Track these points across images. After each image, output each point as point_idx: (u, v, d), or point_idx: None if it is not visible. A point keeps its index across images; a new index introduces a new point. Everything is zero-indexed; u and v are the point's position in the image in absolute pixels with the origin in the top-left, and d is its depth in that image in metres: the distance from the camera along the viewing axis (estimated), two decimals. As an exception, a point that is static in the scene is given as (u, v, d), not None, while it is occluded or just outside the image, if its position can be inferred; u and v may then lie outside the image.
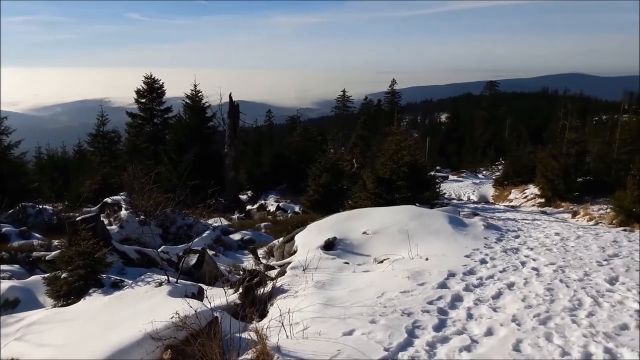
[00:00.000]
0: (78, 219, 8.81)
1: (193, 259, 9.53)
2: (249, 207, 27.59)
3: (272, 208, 26.31)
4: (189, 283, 7.02)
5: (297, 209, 24.40)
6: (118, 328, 5.05)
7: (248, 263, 11.66)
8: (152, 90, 31.18)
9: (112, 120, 31.99)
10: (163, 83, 31.61)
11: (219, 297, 6.18)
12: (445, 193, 26.22)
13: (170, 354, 4.51)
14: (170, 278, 6.70)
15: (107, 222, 13.12)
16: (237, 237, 15.24)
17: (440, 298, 5.81)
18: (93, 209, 15.08)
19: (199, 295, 6.46)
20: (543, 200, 20.81)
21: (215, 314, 5.07)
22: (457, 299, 5.83)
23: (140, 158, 25.55)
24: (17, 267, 9.74)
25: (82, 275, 7.01)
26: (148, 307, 5.63)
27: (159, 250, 10.94)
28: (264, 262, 10.65)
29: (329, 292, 6.29)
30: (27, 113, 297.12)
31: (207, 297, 6.02)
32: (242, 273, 8.21)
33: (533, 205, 21.01)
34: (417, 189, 15.13)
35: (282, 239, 11.27)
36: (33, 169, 27.21)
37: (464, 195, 31.64)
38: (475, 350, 4.46)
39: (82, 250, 7.10)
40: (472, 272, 7.03)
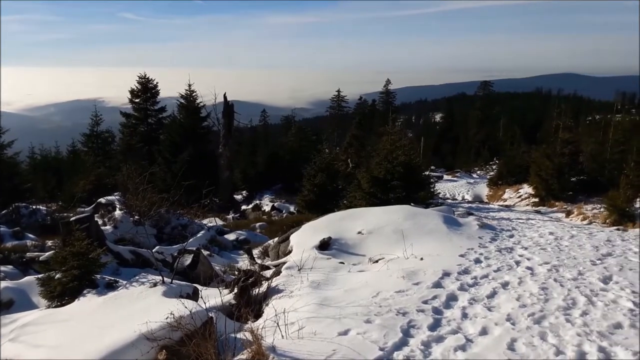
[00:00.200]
0: (72, 220, 8.78)
1: (188, 259, 9.51)
2: (244, 207, 27.54)
3: (267, 208, 26.28)
4: (184, 283, 7.01)
5: (292, 209, 24.39)
6: (112, 329, 5.03)
7: (243, 263, 11.64)
8: (146, 90, 31.05)
9: (106, 120, 31.82)
10: (157, 83, 31.49)
11: (214, 297, 6.18)
12: (440, 193, 26.21)
13: (165, 355, 4.50)
14: (165, 278, 6.69)
15: (101, 222, 13.07)
16: (232, 237, 15.21)
17: (435, 297, 5.82)
18: (87, 209, 15.02)
19: (194, 296, 6.45)
20: (537, 200, 20.90)
21: (210, 314, 5.06)
22: (452, 299, 5.84)
23: (135, 158, 25.44)
24: (10, 267, 9.68)
25: (76, 276, 6.98)
26: (143, 307, 5.61)
27: (154, 251, 10.90)
28: (259, 262, 10.64)
29: (324, 292, 6.30)
30: (20, 113, 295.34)
31: (202, 297, 6.02)
32: (237, 273, 8.20)
33: (527, 205, 21.10)
34: (411, 189, 15.16)
35: (277, 239, 11.26)
36: (26, 169, 27.03)
37: (459, 195, 31.72)
38: (470, 350, 4.47)
39: (76, 251, 7.08)
40: (466, 271, 7.05)
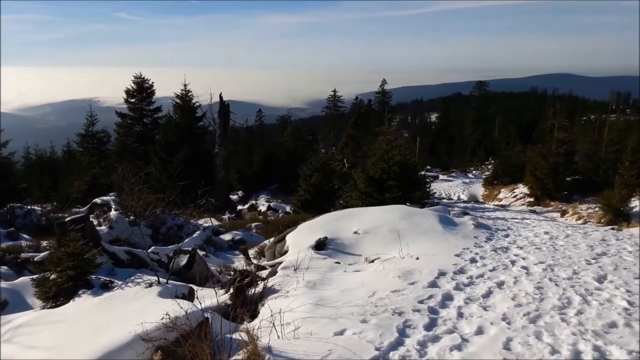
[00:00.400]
0: (67, 220, 8.74)
1: (183, 260, 9.49)
2: (240, 207, 27.51)
3: (263, 208, 26.27)
4: (180, 284, 6.99)
5: (288, 209, 24.38)
6: (108, 329, 5.01)
7: (239, 263, 11.64)
8: (141, 90, 30.96)
9: (101, 120, 31.73)
10: (153, 83, 31.39)
11: (210, 297, 6.17)
12: (436, 192, 26.31)
13: (161, 355, 4.49)
14: (161, 279, 6.67)
15: (96, 222, 13.04)
16: (227, 237, 15.20)
17: (431, 297, 5.83)
18: (82, 210, 14.99)
19: (190, 296, 6.44)
20: (532, 200, 20.96)
21: (206, 315, 5.05)
22: (447, 298, 5.85)
23: (130, 158, 25.42)
24: (5, 268, 9.66)
25: (71, 277, 6.95)
26: (138, 308, 5.60)
27: (149, 251, 10.89)
28: (255, 262, 10.63)
29: (320, 292, 6.29)
30: (15, 113, 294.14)
31: (197, 297, 6.01)
32: (233, 273, 8.19)
33: (522, 205, 21.16)
34: (407, 189, 15.17)
35: (273, 239, 11.26)
36: (21, 170, 26.91)
37: (454, 195, 31.80)
38: (466, 349, 4.48)
39: (71, 251, 7.05)
40: (462, 271, 7.06)
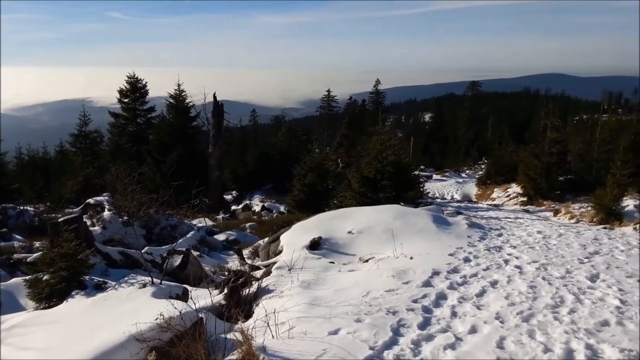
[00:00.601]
0: (60, 220, 8.70)
1: (177, 260, 9.46)
2: (234, 207, 27.47)
3: (257, 208, 26.23)
4: (174, 284, 6.97)
5: (282, 209, 24.37)
6: (102, 330, 4.99)
7: (233, 263, 11.61)
8: (135, 90, 30.88)
9: (94, 120, 31.60)
10: (146, 82, 31.33)
11: (204, 298, 6.16)
12: (429, 192, 26.38)
13: (155, 356, 4.48)
14: (154, 279, 6.65)
15: (89, 223, 12.97)
16: (221, 237, 15.17)
17: (425, 296, 5.85)
18: (75, 210, 14.90)
19: (184, 296, 6.42)
20: (525, 199, 21.07)
21: (200, 315, 5.05)
22: (441, 297, 5.87)
23: (123, 158, 25.33)
24: (-3, 269, 9.58)
25: (64, 277, 6.92)
26: (132, 308, 5.58)
27: (143, 252, 10.84)
28: (249, 262, 10.62)
29: (315, 291, 6.30)
30: (7, 113, 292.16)
31: (191, 298, 5.99)
32: (227, 274, 8.18)
33: (515, 204, 21.26)
34: (401, 188, 15.21)
35: (267, 239, 11.25)
36: (14, 170, 26.81)
37: (448, 195, 31.88)
38: (460, 348, 4.50)
39: (64, 252, 7.02)
40: (456, 270, 7.09)
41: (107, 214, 13.83)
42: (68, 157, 30.75)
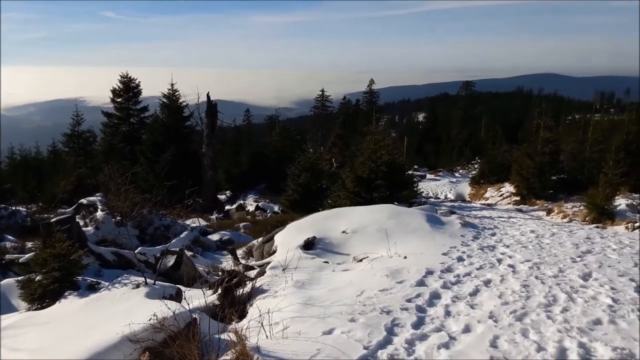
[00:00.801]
0: (53, 221, 8.65)
1: (171, 260, 9.43)
2: (228, 207, 27.42)
3: (251, 208, 26.20)
4: (167, 284, 6.95)
5: (276, 209, 24.35)
6: (95, 331, 4.97)
7: (227, 263, 11.59)
8: (128, 90, 30.75)
9: (87, 120, 31.44)
10: (139, 82, 31.22)
11: (198, 298, 6.14)
12: (423, 192, 26.44)
13: (148, 356, 4.46)
14: (148, 280, 6.63)
15: (82, 223, 12.90)
16: (215, 237, 15.13)
17: (419, 296, 5.86)
18: (68, 210, 14.82)
19: (177, 297, 6.40)
20: (518, 198, 21.17)
21: (194, 315, 5.03)
22: (435, 297, 5.88)
23: (117, 158, 25.22)
24: (-11, 270, 9.52)
25: (57, 278, 6.89)
26: (125, 309, 5.56)
27: (136, 252, 10.80)
28: (243, 262, 10.61)
29: (309, 291, 6.30)
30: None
31: (185, 298, 5.98)
32: (221, 274, 8.16)
33: (509, 203, 21.35)
34: (395, 188, 15.23)
35: (261, 239, 11.23)
36: (6, 170, 26.65)
37: (441, 194, 31.98)
38: (453, 347, 4.51)
39: (57, 253, 6.98)
40: (449, 269, 7.10)
41: (100, 214, 13.77)
42: (61, 157, 30.58)
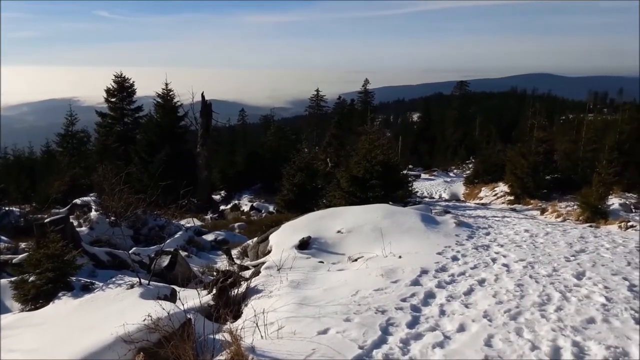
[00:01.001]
0: (46, 221, 8.62)
1: (165, 261, 9.41)
2: (223, 207, 27.37)
3: (246, 208, 26.16)
4: (162, 285, 6.94)
5: (271, 209, 24.33)
6: (89, 331, 4.95)
7: (222, 264, 11.57)
8: (122, 89, 30.62)
9: (81, 120, 31.27)
10: (133, 82, 31.07)
11: (192, 298, 6.13)
12: (418, 191, 26.49)
13: (143, 357, 4.45)
14: (142, 280, 6.61)
15: (76, 223, 12.86)
16: (210, 237, 15.10)
17: (414, 295, 5.87)
18: (62, 211, 14.75)
19: (172, 297, 6.39)
20: (512, 198, 21.25)
21: (189, 316, 5.02)
22: (429, 296, 5.89)
23: (111, 158, 25.08)
24: (-18, 271, 9.46)
25: (50, 279, 6.85)
26: (119, 309, 5.54)
27: (130, 252, 10.77)
28: (238, 262, 10.59)
29: (304, 291, 6.30)
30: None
31: (180, 298, 5.97)
32: (215, 274, 8.14)
33: (503, 203, 21.43)
34: (390, 188, 15.27)
35: (256, 239, 11.23)
36: (-1, 170, 26.48)
37: (436, 194, 32.06)
38: (448, 347, 4.52)
39: (50, 253, 6.95)
40: (444, 269, 7.12)
41: (94, 215, 13.72)
42: (54, 157, 30.39)
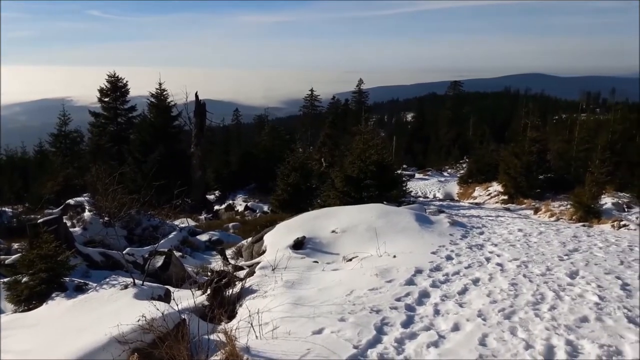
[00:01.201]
0: (39, 221, 8.56)
1: (159, 261, 9.37)
2: (217, 207, 27.33)
3: (240, 208, 26.13)
4: (156, 285, 6.91)
5: (265, 209, 24.30)
6: (83, 332, 4.93)
7: (216, 264, 11.54)
8: (115, 89, 30.48)
9: (74, 120, 31.09)
10: (127, 81, 30.95)
11: (187, 298, 6.11)
12: (412, 191, 26.56)
13: (137, 358, 4.43)
14: (136, 280, 6.59)
15: (70, 224, 12.78)
16: (204, 237, 15.07)
17: (408, 295, 5.88)
18: (55, 211, 14.66)
19: (166, 298, 6.37)
20: (506, 197, 21.33)
21: (183, 316, 5.01)
22: (424, 295, 5.91)
23: (104, 158, 24.98)
24: (-26, 272, 9.39)
25: (44, 279, 6.81)
26: (113, 310, 5.52)
27: (124, 253, 10.72)
28: (233, 262, 10.57)
29: (299, 291, 6.30)
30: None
31: (174, 299, 5.95)
32: (210, 274, 8.12)
33: (496, 202, 21.50)
34: (384, 188, 15.28)
35: (250, 239, 11.20)
36: (-9, 170, 26.28)
37: (430, 193, 32.12)
38: (443, 346, 4.53)
39: (43, 254, 6.91)
40: (438, 268, 7.14)
41: (87, 215, 13.65)
42: (47, 157, 30.21)
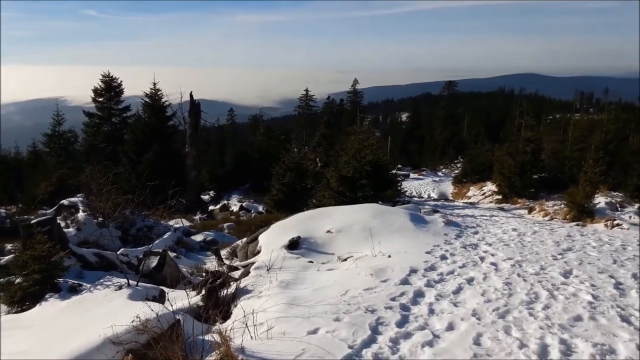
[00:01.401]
0: (33, 222, 8.52)
1: (154, 261, 9.34)
2: (212, 207, 27.26)
3: (235, 208, 26.09)
4: (150, 286, 6.90)
5: (260, 209, 24.27)
6: (77, 333, 4.92)
7: (211, 264, 11.52)
8: (109, 89, 30.40)
9: (68, 120, 31.02)
10: (121, 81, 30.88)
11: (181, 299, 6.10)
12: (407, 191, 26.61)
13: (132, 358, 4.43)
14: (130, 281, 6.57)
15: (63, 224, 12.73)
16: (199, 238, 15.03)
17: (403, 294, 5.89)
18: (49, 212, 14.61)
19: (161, 298, 6.35)
20: (500, 197, 21.40)
21: (177, 317, 5.00)
22: (419, 295, 5.92)
23: (98, 158, 24.90)
24: (-33, 273, 9.34)
25: (37, 280, 6.79)
26: (108, 311, 5.51)
27: (118, 253, 10.67)
28: (227, 263, 10.55)
29: (293, 291, 6.29)
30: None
31: (168, 299, 5.93)
32: (204, 274, 8.11)
33: (491, 202, 21.58)
34: (379, 187, 15.31)
35: (245, 239, 11.19)
36: (-16, 171, 26.14)
37: (425, 193, 32.20)
38: (437, 345, 4.54)
39: (37, 254, 6.88)
40: (433, 268, 7.15)
41: (81, 216, 13.59)
42: (41, 157, 30.10)
